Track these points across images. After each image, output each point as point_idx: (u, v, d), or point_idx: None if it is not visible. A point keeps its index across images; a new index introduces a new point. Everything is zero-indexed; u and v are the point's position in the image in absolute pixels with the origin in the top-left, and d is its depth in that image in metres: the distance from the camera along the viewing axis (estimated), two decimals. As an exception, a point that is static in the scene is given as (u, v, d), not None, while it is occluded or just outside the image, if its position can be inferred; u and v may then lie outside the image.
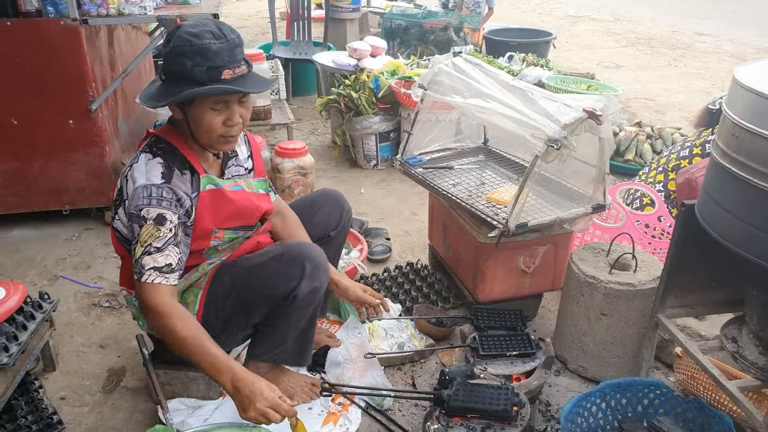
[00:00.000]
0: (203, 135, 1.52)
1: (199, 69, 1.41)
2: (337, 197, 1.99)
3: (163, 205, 1.43)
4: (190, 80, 1.42)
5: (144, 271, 1.42)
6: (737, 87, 1.34)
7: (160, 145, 1.53)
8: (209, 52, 1.41)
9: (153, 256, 1.42)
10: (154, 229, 1.43)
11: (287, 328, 1.71)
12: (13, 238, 2.86)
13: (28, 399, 1.80)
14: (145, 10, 2.73)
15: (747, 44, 7.41)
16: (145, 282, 1.42)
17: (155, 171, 1.47)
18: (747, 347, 1.57)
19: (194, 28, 1.43)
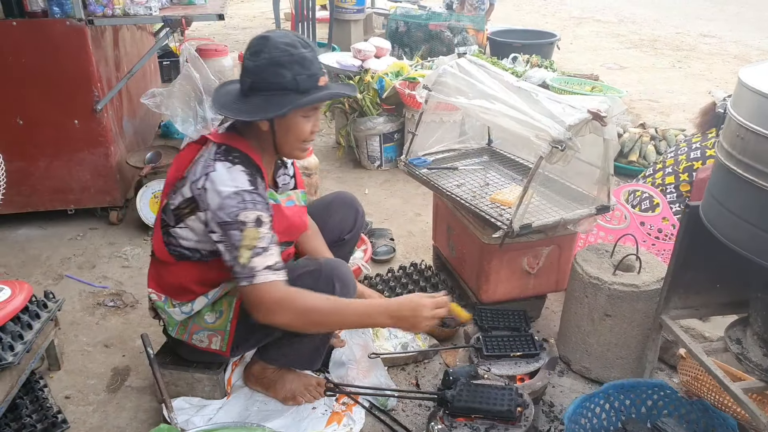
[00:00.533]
0: (292, 142, 1.55)
1: (301, 77, 1.45)
2: (351, 200, 2.00)
3: (258, 207, 1.45)
4: (292, 90, 1.45)
5: (257, 272, 1.42)
6: (742, 88, 1.34)
7: (235, 154, 1.51)
8: (306, 60, 1.46)
9: (262, 256, 1.43)
10: (255, 232, 1.43)
11: (309, 341, 1.74)
12: (18, 238, 2.87)
13: (32, 398, 1.81)
14: (151, 11, 2.75)
15: (751, 46, 7.39)
16: (261, 283, 1.42)
17: (241, 179, 1.47)
18: (751, 349, 1.57)
19: (285, 38, 1.47)
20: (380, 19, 6.28)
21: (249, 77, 1.49)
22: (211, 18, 2.91)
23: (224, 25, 7.25)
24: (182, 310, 1.64)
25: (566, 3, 10.36)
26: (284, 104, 1.45)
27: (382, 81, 3.63)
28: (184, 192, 1.54)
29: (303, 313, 1.45)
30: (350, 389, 1.84)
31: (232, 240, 1.43)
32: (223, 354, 1.69)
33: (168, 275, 1.65)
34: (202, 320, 1.65)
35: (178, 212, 1.56)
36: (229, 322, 1.64)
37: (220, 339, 1.67)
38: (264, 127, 1.52)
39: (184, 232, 1.57)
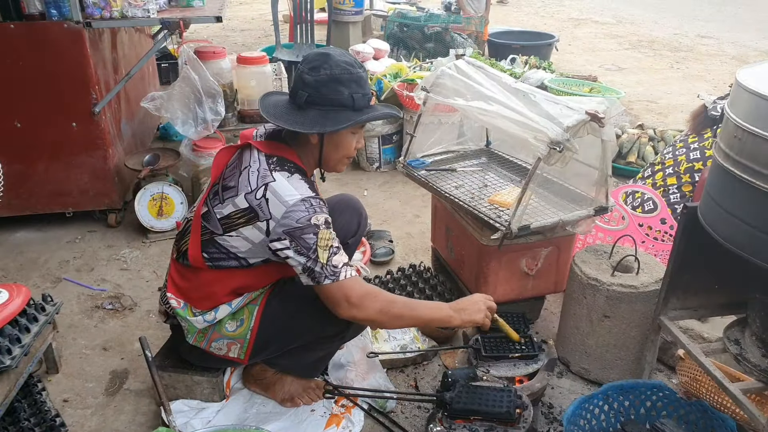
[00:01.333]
0: (338, 157, 1.61)
1: (357, 96, 1.51)
2: (355, 204, 2.01)
3: (324, 210, 1.50)
4: (348, 107, 1.51)
5: (339, 270, 1.47)
6: (740, 89, 1.34)
7: (289, 164, 1.56)
8: (362, 80, 1.53)
9: (339, 255, 1.49)
10: (328, 233, 1.48)
11: (318, 353, 1.75)
12: (16, 241, 2.87)
13: (31, 401, 1.80)
14: (149, 13, 2.75)
15: (749, 47, 7.41)
16: (345, 279, 1.48)
17: (303, 186, 1.51)
18: (750, 350, 1.57)
19: (344, 57, 1.53)
20: (378, 21, 6.28)
21: (306, 91, 1.52)
22: (209, 20, 2.90)
23: (222, 27, 7.25)
24: (205, 319, 1.63)
25: (564, 4, 10.38)
26: (341, 120, 1.51)
27: (380, 83, 3.63)
28: (237, 202, 1.53)
29: (386, 307, 1.53)
30: (349, 391, 1.84)
31: (307, 243, 1.46)
32: (242, 362, 1.71)
33: (196, 281, 1.63)
34: (222, 328, 1.65)
35: (228, 221, 1.55)
36: (249, 331, 1.65)
37: (239, 347, 1.67)
38: (314, 141, 1.57)
39: (237, 241, 1.56)
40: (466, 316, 1.63)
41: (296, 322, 1.65)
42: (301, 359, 1.77)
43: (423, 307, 1.64)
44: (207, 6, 3.12)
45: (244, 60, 3.29)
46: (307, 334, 1.66)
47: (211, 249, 1.59)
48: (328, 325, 1.63)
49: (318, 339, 1.67)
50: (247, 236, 1.54)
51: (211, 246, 1.59)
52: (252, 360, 1.73)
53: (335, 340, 1.69)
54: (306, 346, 1.70)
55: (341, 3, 5.50)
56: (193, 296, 1.64)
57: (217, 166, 1.63)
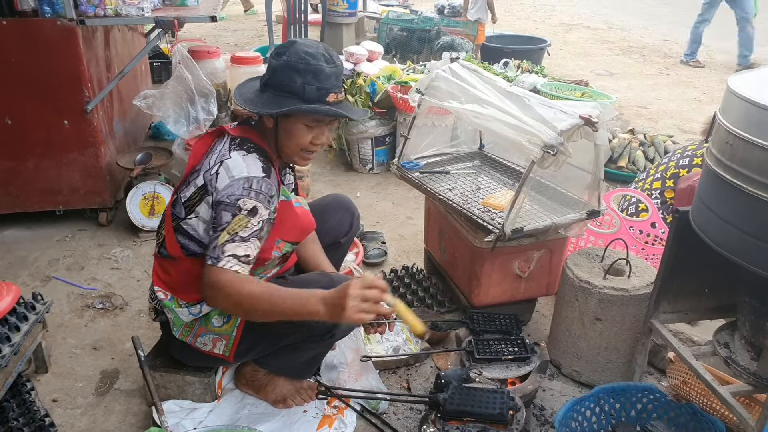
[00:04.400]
0: (290, 146, 1.57)
1: (310, 87, 1.48)
2: (347, 203, 2.01)
3: (259, 198, 1.47)
4: (298, 96, 1.49)
5: (223, 256, 1.43)
6: (731, 96, 1.36)
7: (250, 145, 1.55)
8: (321, 73, 1.49)
9: (236, 244, 1.44)
10: (245, 220, 1.45)
11: (308, 353, 1.74)
12: (5, 239, 2.83)
13: (20, 401, 1.78)
14: (143, 11, 2.73)
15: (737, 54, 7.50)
16: (221, 267, 1.42)
17: (255, 165, 1.50)
18: (739, 353, 1.59)
19: (310, 48, 1.50)
20: (372, 22, 6.29)
21: (267, 74, 1.55)
22: (203, 19, 2.89)
23: (216, 27, 7.22)
24: (190, 311, 1.63)
25: (556, 9, 10.47)
26: (283, 105, 1.50)
27: (374, 84, 3.64)
28: (196, 182, 1.56)
29: (245, 297, 1.41)
30: (342, 392, 1.84)
31: (222, 220, 1.45)
32: (226, 359, 1.68)
33: (176, 272, 1.63)
34: (209, 323, 1.64)
35: (189, 202, 1.57)
36: (236, 327, 1.63)
37: (224, 344, 1.66)
38: (269, 124, 1.58)
39: (194, 221, 1.57)
40: (337, 314, 1.35)
41: (283, 322, 1.63)
42: (292, 359, 1.76)
43: (288, 297, 1.42)
44: (201, 5, 3.11)
45: (239, 60, 3.28)
46: (295, 333, 1.64)
47: (180, 235, 1.59)
48: (316, 325, 1.60)
49: (306, 338, 1.66)
50: (201, 214, 1.55)
51: (180, 232, 1.59)
52: (238, 358, 1.71)
53: (324, 339, 1.67)
54: (295, 346, 1.69)
55: (335, 4, 5.50)
56: (177, 288, 1.64)
57: (194, 156, 1.63)
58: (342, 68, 1.56)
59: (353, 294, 1.32)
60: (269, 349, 1.71)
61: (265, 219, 1.48)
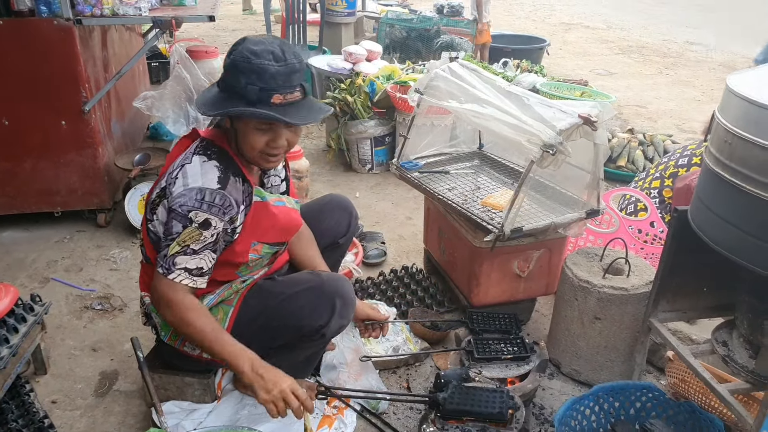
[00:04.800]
0: (247, 149, 1.51)
1: (252, 88, 1.39)
2: (345, 203, 1.99)
3: (212, 211, 1.43)
4: (242, 96, 1.41)
5: (174, 269, 1.43)
6: (730, 95, 1.36)
7: (213, 149, 1.51)
8: (265, 73, 1.39)
9: (188, 257, 1.43)
10: (197, 233, 1.42)
11: (304, 353, 1.74)
12: (3, 240, 2.83)
13: (18, 403, 1.77)
14: (140, 11, 2.73)
15: (736, 53, 7.52)
16: (172, 279, 1.43)
17: (211, 175, 1.46)
18: (737, 351, 1.59)
19: (257, 45, 1.41)
20: (371, 22, 6.29)
21: (222, 74, 1.51)
22: (201, 19, 2.89)
23: (214, 27, 7.22)
24: None
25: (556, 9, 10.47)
26: (224, 107, 1.44)
27: (373, 84, 3.63)
28: (161, 183, 1.54)
29: (188, 324, 1.45)
30: (341, 392, 1.83)
31: (173, 230, 1.43)
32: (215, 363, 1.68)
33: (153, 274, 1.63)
34: None
35: (152, 205, 1.55)
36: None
37: None
38: (227, 125, 1.53)
39: (156, 224, 1.54)
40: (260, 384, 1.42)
41: (273, 322, 1.63)
42: (288, 360, 1.75)
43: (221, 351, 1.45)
44: (199, 5, 3.10)
45: (237, 60, 3.27)
46: (285, 334, 1.64)
47: (152, 238, 1.58)
48: (306, 324, 1.60)
49: (298, 338, 1.65)
50: (159, 217, 1.53)
51: (149, 235, 1.58)
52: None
53: (315, 338, 1.64)
54: (288, 346, 1.68)
55: (334, 4, 5.50)
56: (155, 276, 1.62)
57: (169, 158, 1.62)
58: (302, 66, 1.45)
59: (281, 389, 1.42)
60: (263, 350, 1.69)
61: (219, 231, 1.45)
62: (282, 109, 1.42)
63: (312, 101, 1.51)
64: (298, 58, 1.43)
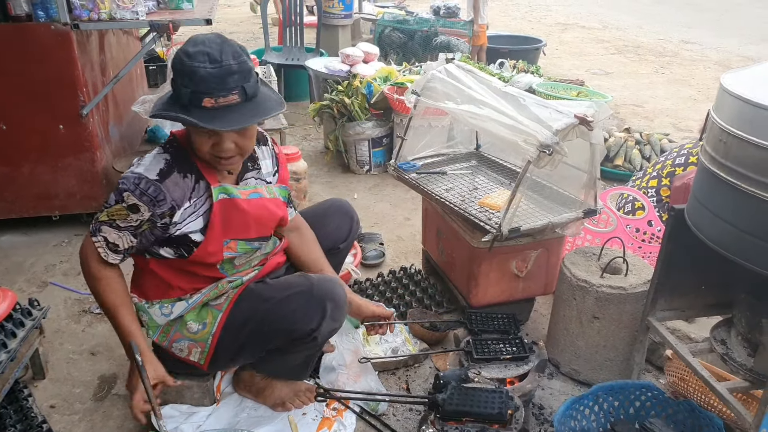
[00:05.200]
0: (196, 152, 1.49)
1: (185, 91, 1.36)
2: (347, 208, 1.98)
3: (143, 199, 1.45)
4: (177, 99, 1.39)
5: (98, 233, 1.50)
6: (725, 94, 1.37)
7: (173, 145, 1.54)
8: (196, 75, 1.34)
9: (112, 230, 1.49)
10: (124, 212, 1.46)
11: (299, 357, 1.73)
12: (1, 245, 2.82)
13: (17, 407, 1.77)
14: (137, 15, 2.73)
15: (731, 52, 7.55)
16: (94, 241, 1.51)
17: (156, 166, 1.48)
18: (736, 349, 1.59)
19: (193, 46, 1.36)
20: (368, 24, 6.30)
21: None
22: (198, 23, 2.90)
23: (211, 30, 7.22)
24: (162, 312, 1.62)
25: (552, 9, 10.50)
26: (162, 109, 1.42)
27: (370, 86, 3.64)
28: None
29: (93, 289, 1.57)
30: (341, 394, 1.84)
31: (109, 199, 1.48)
32: (201, 367, 1.67)
33: (139, 272, 1.66)
34: (184, 329, 1.64)
35: None
36: (211, 336, 1.63)
37: (200, 351, 1.65)
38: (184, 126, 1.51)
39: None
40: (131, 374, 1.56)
41: (264, 327, 1.62)
42: (284, 363, 1.75)
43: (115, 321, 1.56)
44: (196, 9, 3.11)
45: (234, 63, 3.28)
46: (277, 337, 1.63)
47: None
48: (298, 328, 1.59)
49: (290, 342, 1.64)
50: None
51: None
52: (214, 368, 1.71)
53: (307, 341, 1.62)
54: (283, 350, 1.67)
55: (330, 6, 5.51)
56: (145, 289, 1.65)
57: None
58: (244, 66, 1.37)
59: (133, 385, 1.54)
60: (256, 355, 1.70)
61: (145, 219, 1.47)
62: (213, 113, 1.36)
63: (257, 104, 1.43)
64: (238, 59, 1.37)
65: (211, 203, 1.52)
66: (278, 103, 1.50)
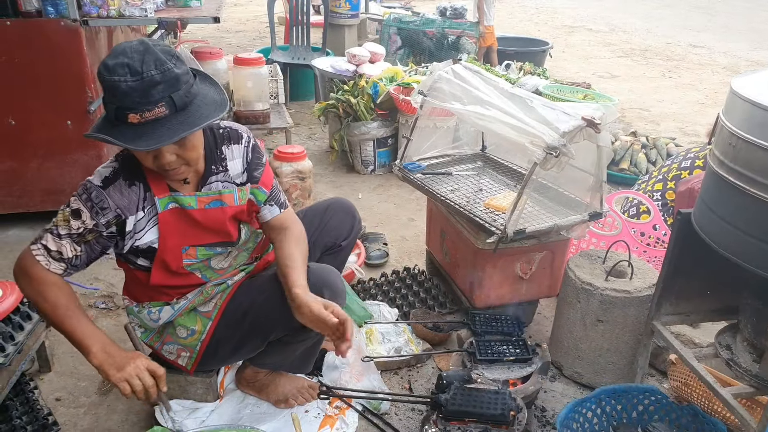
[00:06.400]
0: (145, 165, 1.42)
1: (110, 107, 1.28)
2: (349, 207, 1.97)
3: (87, 205, 1.42)
4: (107, 115, 1.31)
5: (38, 242, 1.43)
6: (735, 98, 1.37)
7: (126, 153, 1.47)
8: (117, 90, 1.24)
9: (52, 237, 1.42)
10: (66, 218, 1.42)
11: (299, 347, 1.73)
12: (9, 239, 2.84)
13: (23, 400, 1.79)
14: (146, 12, 2.74)
15: (740, 57, 7.52)
16: (32, 250, 1.43)
17: (103, 173, 1.44)
18: (741, 355, 1.59)
19: (113, 58, 1.26)
20: (374, 24, 6.31)
21: None
22: (206, 21, 2.91)
23: (218, 28, 7.25)
24: (151, 317, 1.62)
25: (558, 12, 10.48)
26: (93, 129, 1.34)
27: (376, 86, 3.64)
28: None
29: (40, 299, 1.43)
30: (343, 392, 1.84)
31: (62, 206, 1.45)
32: (187, 372, 1.70)
33: (130, 280, 1.65)
34: (175, 333, 1.65)
35: None
36: (200, 342, 1.64)
37: (188, 356, 1.67)
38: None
39: None
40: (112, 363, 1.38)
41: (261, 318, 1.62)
42: (285, 355, 1.75)
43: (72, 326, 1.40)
44: (204, 6, 3.12)
45: (241, 61, 3.29)
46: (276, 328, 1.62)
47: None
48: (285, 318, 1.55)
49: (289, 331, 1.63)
50: None
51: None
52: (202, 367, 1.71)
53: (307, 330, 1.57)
54: (282, 341, 1.67)
55: (337, 6, 5.52)
56: (134, 292, 1.65)
57: None
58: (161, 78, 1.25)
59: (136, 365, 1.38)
60: (256, 349, 1.70)
61: (89, 228, 1.42)
62: (140, 129, 1.27)
63: (189, 113, 1.32)
64: (161, 67, 1.25)
65: (153, 211, 1.48)
66: (218, 107, 1.37)
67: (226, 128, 1.60)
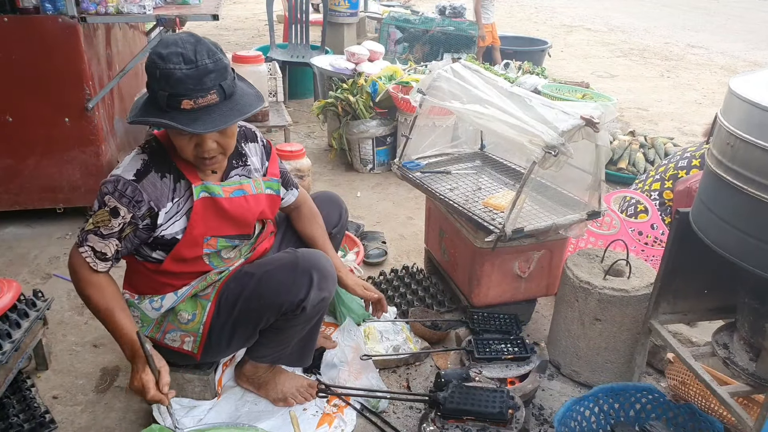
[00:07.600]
0: (180, 153, 1.48)
1: (162, 94, 1.33)
2: (334, 197, 2.07)
3: (122, 201, 1.44)
4: (155, 102, 1.36)
5: (85, 243, 1.48)
6: (733, 97, 1.37)
7: (152, 144, 1.53)
8: (172, 77, 1.31)
9: (98, 238, 1.46)
10: (107, 218, 1.45)
11: (293, 334, 1.72)
12: (5, 236, 2.83)
13: (20, 398, 1.78)
14: (144, 9, 2.73)
15: (738, 57, 7.54)
16: (81, 252, 1.48)
17: (132, 167, 1.47)
18: (738, 353, 1.59)
19: (166, 48, 1.33)
20: (373, 23, 6.30)
21: None
22: (205, 18, 2.90)
23: (216, 26, 7.23)
24: (152, 306, 1.63)
25: (557, 11, 10.49)
26: (140, 114, 1.40)
27: (375, 84, 3.64)
28: None
29: (86, 299, 1.52)
30: (341, 391, 1.84)
31: (93, 206, 1.48)
32: (194, 356, 1.68)
33: (132, 273, 1.66)
34: (176, 319, 1.65)
35: None
36: (201, 325, 1.64)
37: (192, 340, 1.66)
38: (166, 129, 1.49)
39: None
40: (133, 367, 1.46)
41: (252, 304, 1.63)
42: (281, 344, 1.74)
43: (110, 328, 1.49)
44: (203, 4, 3.11)
45: (240, 59, 3.29)
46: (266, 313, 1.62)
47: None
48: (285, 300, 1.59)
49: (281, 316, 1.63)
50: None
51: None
52: (207, 357, 1.71)
53: (297, 312, 1.61)
54: (276, 328, 1.68)
55: (336, 4, 5.51)
56: (137, 285, 1.66)
57: None
58: (219, 65, 1.35)
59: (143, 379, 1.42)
60: (249, 336, 1.69)
61: (127, 222, 1.46)
62: (193, 114, 1.34)
63: (235, 101, 1.41)
64: (213, 57, 1.34)
65: (193, 202, 1.52)
66: (257, 99, 1.47)
67: (241, 127, 1.69)
